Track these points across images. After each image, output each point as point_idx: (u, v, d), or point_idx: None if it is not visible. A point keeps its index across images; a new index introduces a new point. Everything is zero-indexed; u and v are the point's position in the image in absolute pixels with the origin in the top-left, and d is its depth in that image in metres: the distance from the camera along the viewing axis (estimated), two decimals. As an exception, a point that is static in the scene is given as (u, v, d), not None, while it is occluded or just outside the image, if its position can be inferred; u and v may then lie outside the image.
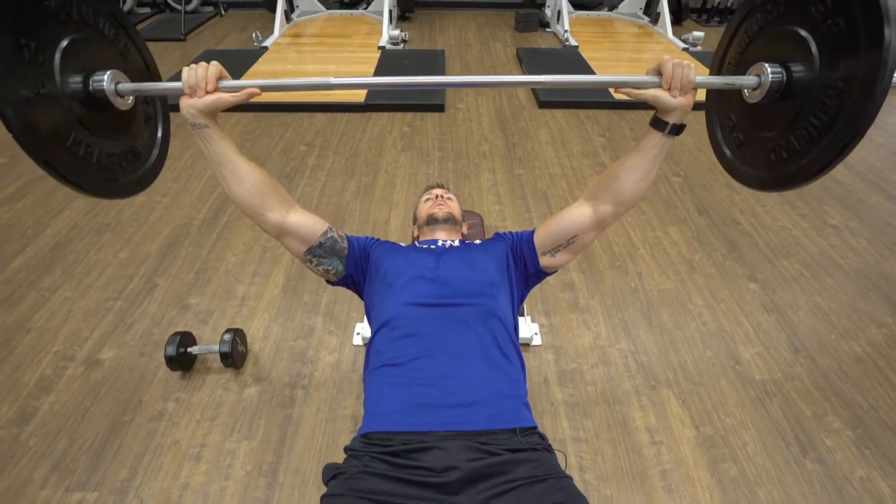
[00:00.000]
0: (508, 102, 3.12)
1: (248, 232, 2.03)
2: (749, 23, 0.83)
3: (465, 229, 1.26)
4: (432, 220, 1.15)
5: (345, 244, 1.01)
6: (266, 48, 3.65)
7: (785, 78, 0.73)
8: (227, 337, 1.44)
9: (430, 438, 0.74)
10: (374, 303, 0.96)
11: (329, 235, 0.99)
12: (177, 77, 0.82)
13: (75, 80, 0.71)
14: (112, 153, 0.81)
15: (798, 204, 2.27)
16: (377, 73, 3.29)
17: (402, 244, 1.12)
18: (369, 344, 0.92)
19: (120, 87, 0.76)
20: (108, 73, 0.74)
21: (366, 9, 4.37)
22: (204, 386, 1.46)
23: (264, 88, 0.80)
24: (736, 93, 0.83)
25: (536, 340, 1.57)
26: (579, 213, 0.96)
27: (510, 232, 1.07)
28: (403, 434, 0.75)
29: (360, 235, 1.07)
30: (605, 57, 3.63)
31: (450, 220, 1.16)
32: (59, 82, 0.69)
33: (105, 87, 0.74)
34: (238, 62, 3.42)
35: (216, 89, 0.77)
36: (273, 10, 4.41)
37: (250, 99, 0.81)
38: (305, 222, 0.95)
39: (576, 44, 3.80)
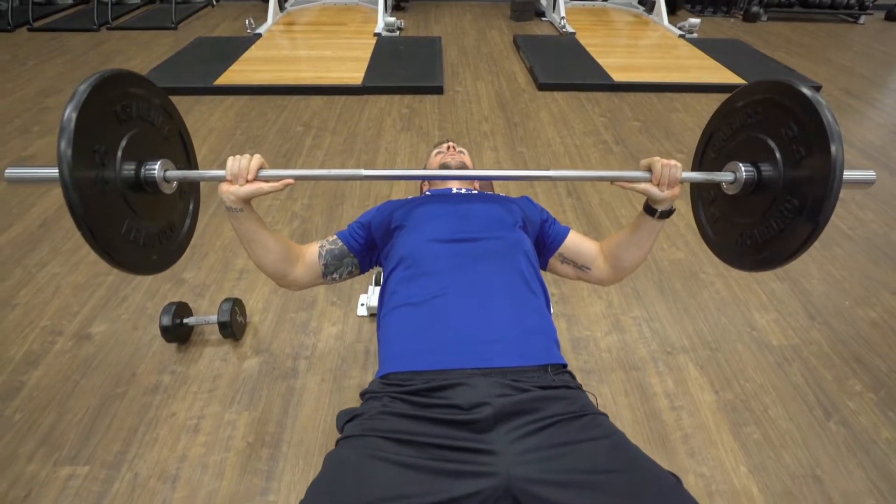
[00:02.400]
0: (507, 85, 3.08)
1: (244, 208, 1.97)
2: (727, 124, 0.91)
3: (476, 185, 1.21)
4: (445, 167, 1.10)
5: (340, 244, 1.02)
6: (259, 35, 3.58)
7: (756, 176, 0.81)
8: (226, 306, 1.38)
9: (456, 376, 0.68)
10: (391, 253, 0.91)
11: (325, 251, 1.00)
12: (187, 59, 0.79)
13: (129, 169, 0.74)
14: (152, 233, 0.81)
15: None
16: (373, 58, 3.24)
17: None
18: (382, 286, 0.86)
19: (168, 174, 0.78)
20: (159, 162, 0.77)
21: (360, -3, 4.33)
22: (201, 358, 1.39)
23: (299, 178, 0.83)
24: (716, 185, 0.89)
25: (547, 309, 1.52)
26: (597, 256, 0.99)
27: (549, 213, 1.04)
28: (426, 373, 0.70)
29: (355, 219, 1.07)
30: (602, 43, 3.61)
31: (464, 167, 1.11)
32: (118, 174, 0.72)
33: (156, 175, 0.76)
34: (231, 49, 3.35)
35: (256, 178, 0.79)
36: (266, -1, 4.37)
37: (286, 188, 0.84)
38: (307, 261, 0.97)
39: (573, 30, 3.78)
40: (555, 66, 3.16)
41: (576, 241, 0.99)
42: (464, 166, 1.12)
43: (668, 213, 0.88)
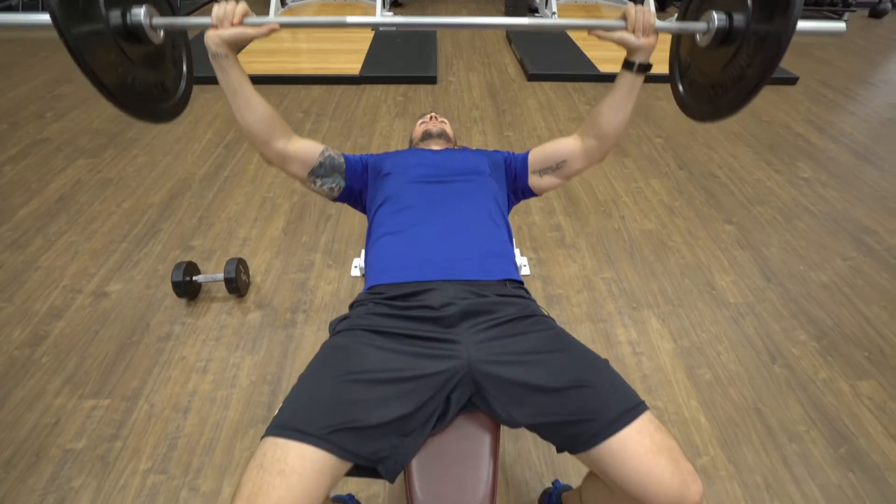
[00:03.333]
0: (498, 76, 3.23)
1: (247, 185, 2.11)
2: None
3: (453, 146, 1.35)
4: (427, 136, 1.24)
5: (342, 160, 1.09)
6: (262, 29, 3.73)
7: (727, 24, 0.84)
8: (231, 264, 1.52)
9: (429, 284, 0.82)
10: (376, 193, 1.04)
11: (326, 154, 1.07)
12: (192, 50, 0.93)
13: (116, 15, 0.79)
14: (147, 81, 0.89)
15: (773, 160, 2.39)
16: (370, 51, 3.38)
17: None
18: (370, 222, 1.00)
19: (154, 21, 0.83)
20: (143, 7, 0.81)
21: (357, -6, 4.47)
22: (209, 312, 1.53)
23: (283, 25, 0.87)
24: (690, 39, 0.95)
25: (525, 271, 1.66)
26: (570, 143, 1.07)
27: (510, 151, 1.16)
28: (404, 284, 0.83)
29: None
30: (591, 38, 3.75)
31: (443, 136, 1.25)
32: (106, 20, 0.77)
33: (142, 20, 0.81)
34: (234, 41, 3.49)
35: (241, 23, 0.84)
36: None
37: (270, 34, 0.87)
38: (304, 147, 1.03)
39: (563, 25, 3.93)
40: (544, 58, 3.31)
41: (539, 151, 1.08)
42: (444, 133, 1.26)
43: (645, 67, 0.92)
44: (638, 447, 0.64)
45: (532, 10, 4.46)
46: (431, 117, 1.31)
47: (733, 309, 1.57)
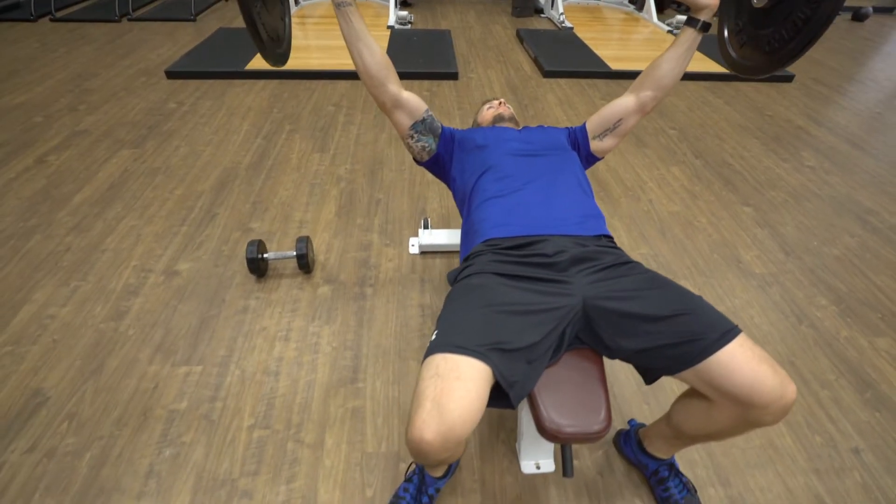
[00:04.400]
0: (515, 73, 3.37)
1: (293, 172, 2.20)
2: None
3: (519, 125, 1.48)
4: (499, 119, 1.36)
5: (439, 125, 1.24)
6: (279, 26, 3.80)
7: None
8: (302, 242, 1.61)
9: (541, 237, 0.95)
10: (468, 166, 1.17)
11: (429, 114, 1.21)
12: (214, 47, 1.03)
13: None
14: (269, 26, 1.03)
15: (779, 150, 2.58)
16: (389, 50, 3.49)
17: None
18: (472, 190, 1.12)
19: None
20: None
21: (368, -6, 4.57)
22: (280, 287, 1.63)
23: None
24: (747, 3, 1.08)
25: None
26: (623, 101, 1.22)
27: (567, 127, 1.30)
28: (517, 237, 0.96)
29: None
30: (598, 37, 3.93)
31: (513, 120, 1.38)
32: None
33: None
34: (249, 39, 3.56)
35: None
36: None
37: None
38: (414, 99, 1.17)
39: (571, 25, 4.10)
40: (557, 56, 3.46)
41: (596, 118, 1.23)
42: (513, 117, 1.39)
43: (707, 26, 1.08)
44: (743, 357, 0.77)
45: (538, 11, 4.62)
46: (500, 103, 1.44)
47: (759, 279, 1.73)
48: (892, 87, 3.59)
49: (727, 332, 0.80)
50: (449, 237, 1.77)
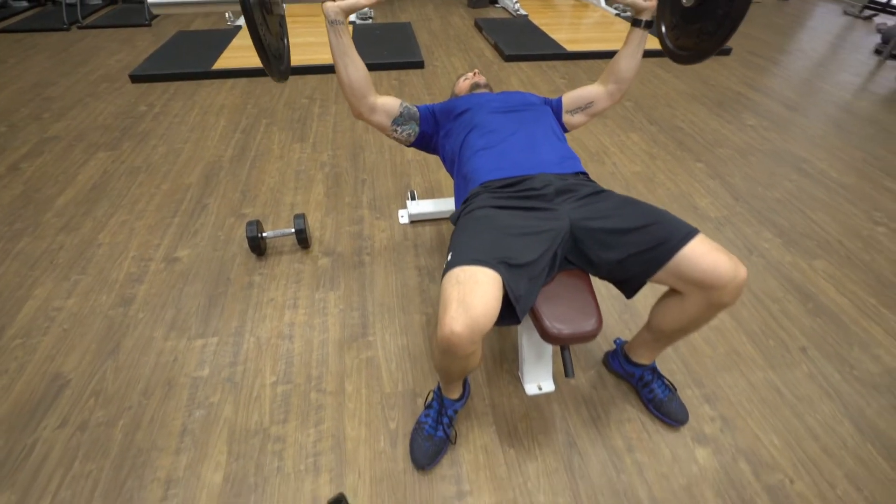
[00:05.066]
0: (478, 59, 3.52)
1: (276, 161, 2.27)
2: None
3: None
4: (475, 87, 1.50)
5: (416, 110, 1.38)
6: (240, 27, 3.82)
7: None
8: (299, 219, 1.70)
9: (528, 176, 1.09)
10: (453, 130, 1.30)
11: (405, 106, 1.35)
12: (176, 50, 1.13)
13: None
14: (272, 44, 1.14)
15: (723, 114, 2.84)
16: (355, 42, 3.57)
17: None
18: (461, 146, 1.25)
19: None
20: None
21: (326, -7, 4.62)
22: (280, 263, 1.71)
23: None
24: (678, 3, 1.26)
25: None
26: (594, 88, 1.40)
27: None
28: (511, 178, 1.10)
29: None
30: (552, 23, 4.14)
31: (488, 87, 1.52)
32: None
33: None
34: (216, 39, 3.57)
35: None
36: (236, -4, 4.58)
37: (377, 3, 1.14)
38: (387, 100, 1.32)
39: (525, 13, 4.30)
40: (516, 42, 3.64)
41: (571, 95, 1.39)
42: (488, 84, 1.53)
43: (650, 24, 1.28)
44: (703, 249, 0.94)
45: (493, 1, 4.80)
46: (476, 73, 1.58)
47: (714, 221, 1.95)
48: (817, 56, 3.96)
49: (689, 233, 0.96)
50: (435, 206, 1.90)
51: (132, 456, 1.16)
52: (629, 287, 1.07)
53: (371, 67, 3.17)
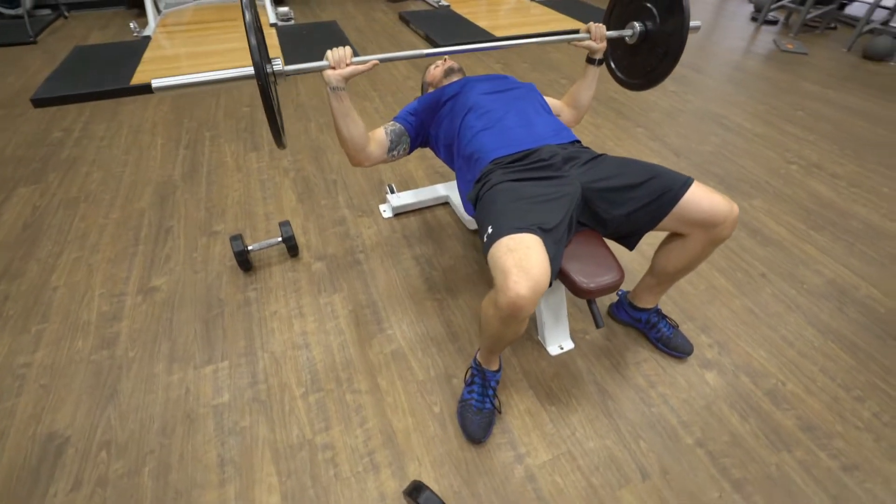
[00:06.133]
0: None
1: (235, 173, 2.15)
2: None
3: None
4: (450, 71, 1.54)
5: (399, 126, 1.42)
6: (149, 38, 3.50)
7: (646, 28, 1.36)
8: (286, 227, 1.64)
9: (533, 149, 1.16)
10: (445, 117, 1.34)
11: (390, 130, 1.39)
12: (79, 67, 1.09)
13: (271, 66, 1.05)
14: (279, 114, 1.12)
15: (646, 82, 3.12)
16: (283, 44, 3.43)
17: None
18: (459, 129, 1.28)
19: (287, 68, 1.09)
20: (279, 59, 1.08)
21: (235, -5, 4.36)
22: (272, 275, 1.64)
23: (382, 60, 1.16)
24: (622, 41, 1.44)
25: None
26: (560, 105, 1.56)
27: None
28: (518, 152, 1.16)
29: (396, 120, 1.44)
30: (473, 11, 4.25)
31: (461, 71, 1.56)
32: (269, 70, 1.02)
33: (283, 69, 1.08)
34: (124, 53, 3.25)
35: (350, 63, 1.11)
36: (132, 6, 4.21)
37: (373, 68, 1.15)
38: (377, 137, 1.34)
39: (447, 3, 4.37)
40: (445, 31, 3.70)
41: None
42: (461, 68, 1.57)
43: (602, 61, 1.44)
44: (701, 193, 1.07)
45: (411, -5, 4.80)
46: (445, 60, 1.61)
47: (666, 178, 2.16)
48: (705, 26, 4.46)
49: (686, 181, 1.09)
50: (416, 196, 1.92)
51: (171, 499, 1.08)
52: (632, 240, 1.18)
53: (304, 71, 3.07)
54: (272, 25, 3.78)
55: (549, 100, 1.50)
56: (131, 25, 3.51)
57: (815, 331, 1.49)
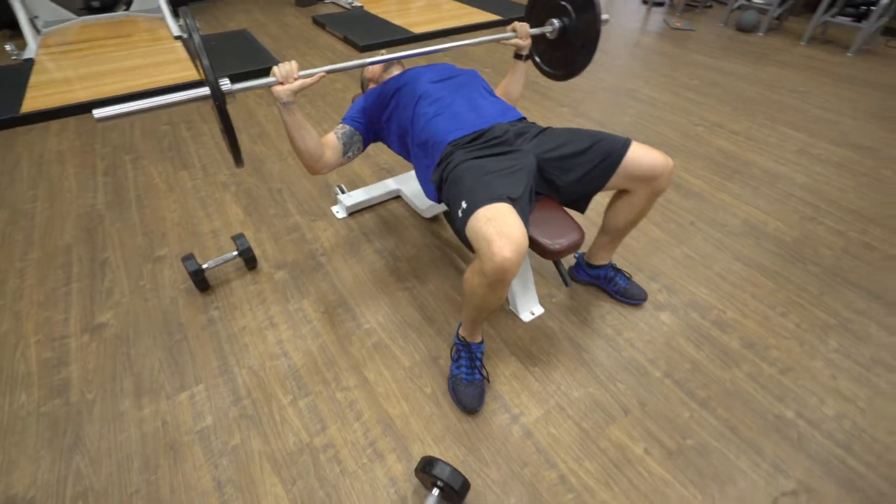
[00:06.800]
0: (333, 54, 3.48)
1: (168, 194, 2.02)
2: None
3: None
4: (390, 64, 1.57)
5: (349, 128, 1.43)
6: (32, 60, 3.14)
7: (564, 24, 1.47)
8: (241, 239, 1.58)
9: (486, 128, 1.23)
10: (395, 109, 1.37)
11: (341, 134, 1.40)
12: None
13: (222, 87, 1.02)
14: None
15: (562, 65, 3.33)
16: (194, 57, 3.24)
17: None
18: (413, 117, 1.32)
19: (234, 87, 1.05)
20: (226, 78, 1.04)
21: (127, 10, 4.03)
22: (233, 291, 1.58)
23: (329, 72, 1.17)
24: (543, 36, 1.54)
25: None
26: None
27: None
28: (472, 133, 1.22)
29: (344, 122, 1.44)
30: (387, 10, 4.27)
31: (400, 63, 1.60)
32: (220, 89, 1.01)
33: (231, 88, 1.04)
34: (6, 79, 2.90)
35: (298, 77, 1.10)
36: (3, 27, 3.76)
37: (320, 80, 1.15)
38: (330, 143, 1.34)
39: (360, 4, 4.35)
40: (364, 32, 3.69)
41: None
42: (400, 62, 1.61)
43: (529, 56, 1.53)
44: (640, 151, 1.19)
45: (323, -2, 4.72)
46: (384, 53, 1.64)
47: (596, 149, 2.34)
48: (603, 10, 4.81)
49: (626, 142, 1.21)
50: (368, 193, 1.93)
51: (170, 531, 1.03)
52: (584, 203, 1.29)
53: (232, 79, 2.92)
54: (177, 38, 3.55)
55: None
56: (7, 48, 3.13)
57: (741, 264, 1.70)
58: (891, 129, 2.62)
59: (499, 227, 0.95)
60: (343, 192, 1.92)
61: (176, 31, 3.61)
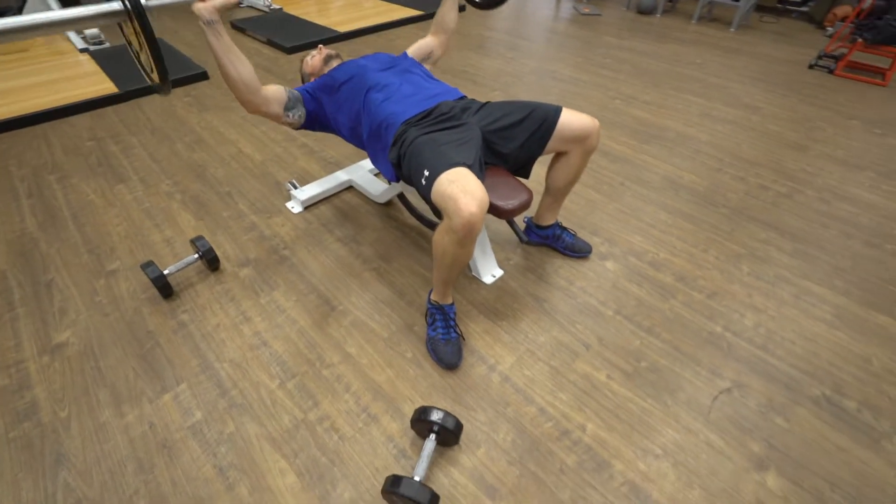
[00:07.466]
0: (260, 57, 3.42)
1: (109, 209, 1.94)
2: None
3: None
4: (329, 58, 1.63)
5: (298, 94, 1.48)
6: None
7: None
8: (201, 241, 1.57)
9: (434, 106, 1.34)
10: (344, 98, 1.44)
11: (290, 91, 1.44)
12: None
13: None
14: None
15: (488, 54, 3.51)
16: (107, 69, 3.03)
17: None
18: (365, 104, 1.39)
19: (153, 2, 1.10)
20: None
21: (18, 24, 3.69)
22: (199, 294, 1.57)
23: None
24: None
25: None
26: (429, 40, 1.72)
27: None
28: (422, 112, 1.32)
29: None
30: (308, 11, 4.24)
31: (339, 56, 1.66)
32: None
33: (149, 4, 1.07)
34: None
35: None
36: None
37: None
38: (274, 89, 1.39)
39: (279, 7, 4.28)
40: (289, 34, 3.65)
41: (414, 50, 1.68)
42: (339, 55, 1.67)
43: None
44: (571, 116, 1.36)
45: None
46: (320, 49, 1.69)
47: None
48: (517, 2, 5.08)
49: (557, 109, 1.37)
50: (321, 186, 1.97)
51: (178, 521, 1.04)
52: (527, 169, 1.44)
53: (146, 91, 2.83)
54: (83, 51, 3.32)
55: (420, 42, 1.69)
56: None
57: (666, 213, 1.94)
58: (769, 90, 3.04)
59: (462, 186, 1.06)
60: (296, 187, 1.95)
61: (80, 44, 3.37)
